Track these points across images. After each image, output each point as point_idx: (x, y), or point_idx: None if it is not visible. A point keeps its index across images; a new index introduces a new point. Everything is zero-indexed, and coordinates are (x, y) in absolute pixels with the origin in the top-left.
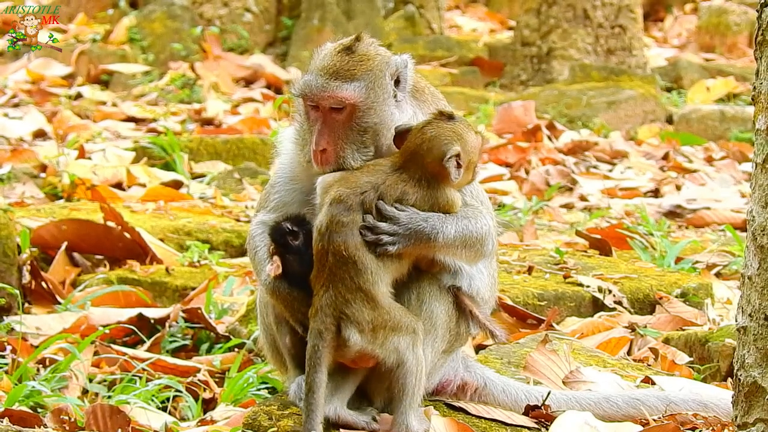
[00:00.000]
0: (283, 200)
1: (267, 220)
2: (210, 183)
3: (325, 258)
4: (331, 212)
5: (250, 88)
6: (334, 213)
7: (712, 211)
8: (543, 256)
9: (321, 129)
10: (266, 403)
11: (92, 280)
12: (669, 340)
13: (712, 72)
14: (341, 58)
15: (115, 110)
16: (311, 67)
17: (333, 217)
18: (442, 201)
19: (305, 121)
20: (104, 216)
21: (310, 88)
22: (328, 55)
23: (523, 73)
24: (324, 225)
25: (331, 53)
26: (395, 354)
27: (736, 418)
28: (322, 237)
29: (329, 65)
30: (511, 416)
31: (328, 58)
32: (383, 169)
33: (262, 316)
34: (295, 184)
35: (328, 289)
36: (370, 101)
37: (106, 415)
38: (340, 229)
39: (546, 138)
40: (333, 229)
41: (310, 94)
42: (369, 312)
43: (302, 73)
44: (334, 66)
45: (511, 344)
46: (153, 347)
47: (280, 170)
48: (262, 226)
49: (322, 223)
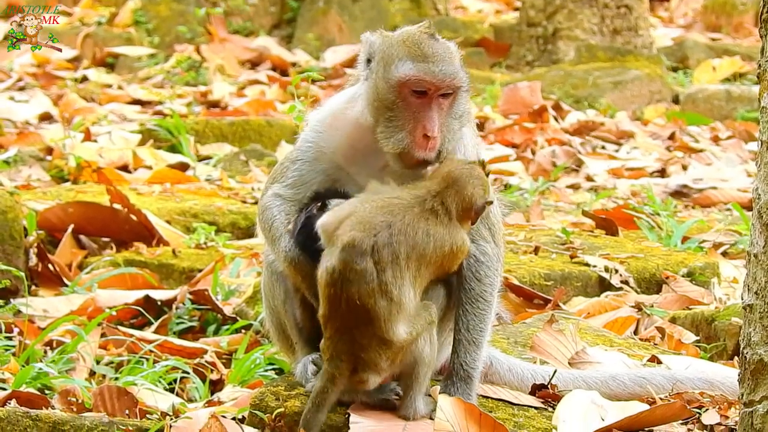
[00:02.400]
0: (303, 178)
1: (283, 194)
2: (216, 165)
3: (338, 304)
4: (344, 258)
5: (256, 71)
6: (348, 259)
7: (719, 191)
8: (549, 237)
9: (433, 115)
10: (273, 383)
11: (99, 262)
12: (675, 319)
13: (718, 52)
14: (436, 44)
15: (121, 93)
16: (404, 53)
17: (346, 263)
18: (456, 243)
19: (395, 107)
20: (110, 198)
21: (432, 74)
22: (423, 42)
23: (528, 53)
24: (337, 271)
25: (423, 40)
26: (413, 356)
27: (743, 396)
28: (335, 283)
29: (435, 52)
30: (518, 396)
31: (427, 45)
32: (403, 202)
33: (268, 299)
34: (320, 164)
35: (343, 334)
36: (466, 86)
37: (113, 397)
38: (354, 277)
39: (552, 118)
40: (346, 277)
41: (430, 79)
42: (386, 353)
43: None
44: (438, 53)
45: (518, 324)
46: (160, 329)
47: (306, 147)
48: (278, 199)
49: (335, 268)
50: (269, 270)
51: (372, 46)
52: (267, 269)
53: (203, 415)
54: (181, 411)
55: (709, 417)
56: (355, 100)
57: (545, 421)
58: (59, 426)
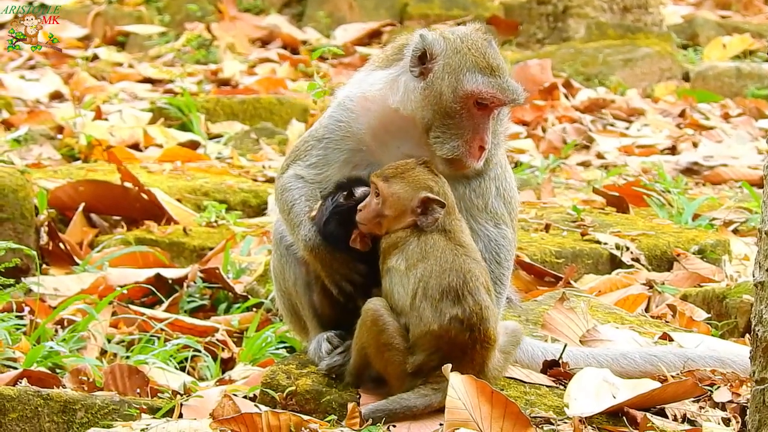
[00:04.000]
0: (328, 158)
1: (305, 175)
2: (227, 143)
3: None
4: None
5: (267, 49)
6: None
7: (729, 168)
8: (560, 214)
9: (489, 126)
10: (285, 362)
11: (110, 240)
12: (687, 297)
13: (728, 29)
14: (497, 54)
15: (132, 71)
16: (472, 64)
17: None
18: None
19: (456, 116)
20: (121, 177)
21: (501, 90)
22: (488, 53)
23: (539, 31)
24: (475, 318)
25: (487, 49)
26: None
27: (754, 374)
28: (472, 328)
29: (499, 65)
30: (529, 375)
31: (491, 56)
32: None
33: (278, 280)
34: (347, 144)
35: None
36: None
37: (124, 375)
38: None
39: (562, 96)
40: (482, 317)
41: (500, 95)
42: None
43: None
44: (501, 65)
45: (529, 302)
46: (171, 307)
47: (334, 125)
48: (299, 180)
49: (474, 314)
50: (279, 249)
51: (431, 45)
52: (276, 248)
53: (215, 394)
54: (193, 390)
55: (720, 395)
56: (393, 85)
57: (557, 399)
58: (70, 405)
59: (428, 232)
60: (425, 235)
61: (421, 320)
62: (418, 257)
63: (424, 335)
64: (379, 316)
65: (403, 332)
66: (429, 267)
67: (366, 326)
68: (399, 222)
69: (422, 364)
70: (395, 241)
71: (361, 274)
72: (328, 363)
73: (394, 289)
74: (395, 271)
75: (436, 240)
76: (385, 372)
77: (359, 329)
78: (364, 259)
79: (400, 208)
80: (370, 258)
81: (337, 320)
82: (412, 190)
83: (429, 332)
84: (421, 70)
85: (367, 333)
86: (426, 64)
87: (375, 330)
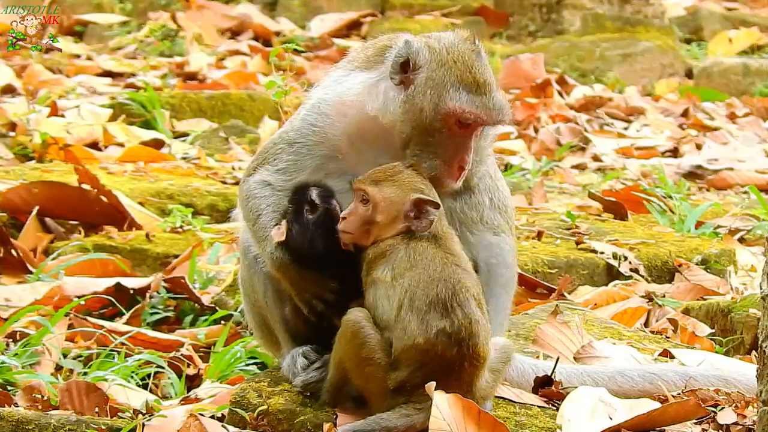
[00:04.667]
0: (299, 164)
1: (273, 181)
2: (193, 142)
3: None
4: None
5: (237, 40)
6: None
7: (735, 172)
8: (553, 221)
9: (470, 146)
10: (255, 379)
11: (66, 247)
12: (689, 311)
13: (734, 22)
14: (484, 67)
15: (90, 64)
16: (456, 80)
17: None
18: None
19: (436, 134)
20: (79, 178)
21: (486, 110)
22: (474, 66)
23: (531, 23)
24: (464, 332)
25: (473, 62)
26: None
27: (761, 394)
28: (460, 343)
29: (486, 80)
30: (520, 394)
31: (478, 70)
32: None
33: (247, 293)
34: (320, 150)
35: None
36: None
37: (81, 393)
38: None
39: (556, 93)
40: (471, 332)
41: (485, 116)
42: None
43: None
44: (488, 80)
45: (520, 315)
46: (132, 320)
47: (307, 130)
48: (266, 187)
49: (463, 328)
50: (246, 259)
51: (415, 54)
52: (244, 258)
53: (179, 414)
54: (156, 409)
55: (725, 416)
56: (373, 91)
57: (548, 420)
58: (23, 425)
59: (418, 239)
60: (414, 242)
61: (406, 333)
62: (405, 266)
63: (408, 349)
64: (360, 328)
65: (386, 346)
66: (417, 276)
67: (346, 339)
68: (390, 229)
69: (405, 381)
70: (383, 250)
71: (333, 291)
72: (303, 379)
73: (379, 302)
74: (381, 282)
75: (425, 247)
76: (365, 389)
77: (338, 342)
78: (339, 274)
79: (393, 213)
80: (346, 272)
81: (311, 336)
82: (404, 193)
83: (413, 346)
84: (402, 79)
85: (347, 346)
86: (408, 73)
87: (356, 343)
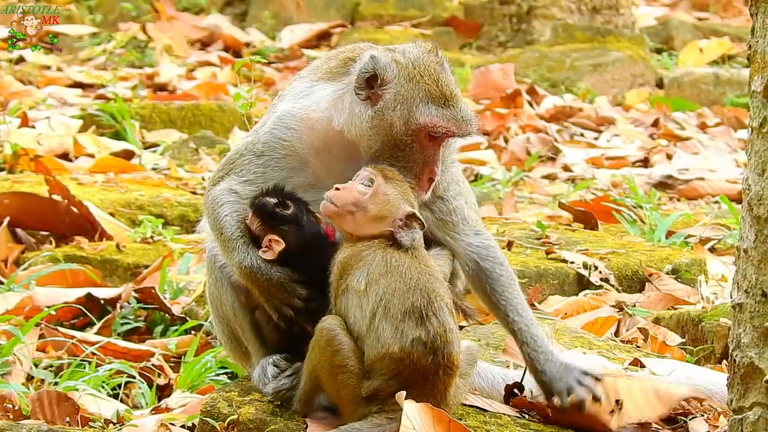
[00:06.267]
0: (267, 176)
1: (240, 190)
2: (164, 153)
3: (436, 374)
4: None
5: (207, 51)
6: (449, 325)
7: (706, 182)
8: (524, 231)
9: (438, 156)
10: (226, 389)
11: (37, 257)
12: (659, 320)
13: (705, 32)
14: (449, 78)
15: (61, 75)
16: (424, 95)
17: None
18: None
19: (406, 148)
20: (49, 189)
21: (455, 122)
22: (440, 78)
23: (501, 33)
24: (440, 341)
25: (439, 74)
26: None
27: (732, 402)
28: (435, 352)
29: (452, 92)
30: (491, 404)
31: (444, 82)
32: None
33: (215, 306)
34: (288, 162)
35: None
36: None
37: (52, 403)
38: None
39: (526, 104)
40: (446, 341)
41: (454, 129)
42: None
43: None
44: (454, 92)
45: (489, 324)
46: (103, 330)
47: (275, 143)
48: (232, 195)
49: (438, 337)
50: (214, 272)
51: (383, 71)
52: (212, 269)
53: (150, 423)
54: (126, 418)
55: (696, 425)
56: (338, 104)
57: (519, 429)
58: None
59: (395, 248)
60: (392, 250)
61: (379, 342)
62: (381, 271)
63: (382, 358)
64: (334, 336)
65: (360, 354)
66: (392, 284)
67: (320, 346)
68: (374, 226)
69: (378, 389)
70: (359, 253)
71: (302, 298)
72: (274, 386)
73: (350, 312)
74: (353, 292)
75: (401, 257)
76: (337, 397)
77: (312, 350)
78: (310, 280)
79: (385, 212)
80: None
81: (282, 345)
82: (403, 201)
83: (388, 355)
84: (369, 95)
85: (320, 354)
86: (375, 89)
87: (329, 350)
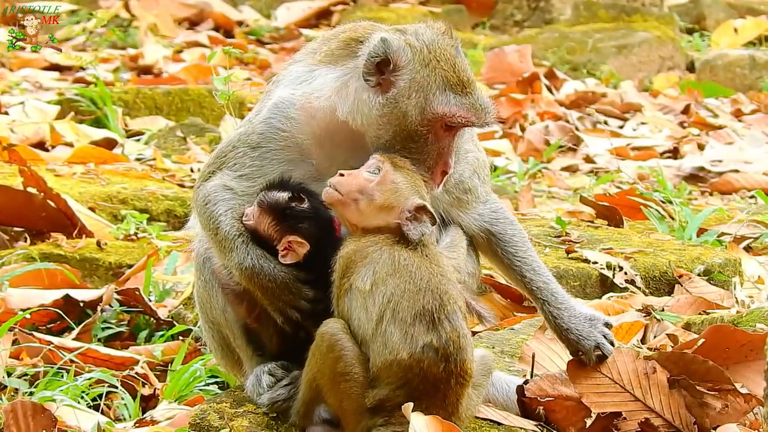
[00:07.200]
0: (264, 170)
1: (235, 186)
2: (148, 142)
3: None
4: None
5: (196, 31)
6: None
7: (741, 175)
8: (542, 228)
9: (453, 148)
10: (216, 399)
11: (10, 256)
12: (690, 326)
13: (740, 11)
14: (465, 63)
15: (36, 57)
16: (441, 82)
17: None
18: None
19: (421, 139)
20: (24, 181)
21: (474, 111)
22: (456, 63)
23: (517, 12)
24: (452, 347)
25: (456, 59)
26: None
27: None
28: (448, 359)
29: (469, 78)
30: (506, 416)
31: (460, 67)
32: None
33: (204, 310)
34: (287, 154)
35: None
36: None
37: (27, 415)
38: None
39: (545, 89)
40: (460, 347)
41: (473, 119)
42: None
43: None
44: (471, 77)
45: (505, 330)
46: (82, 335)
47: (273, 133)
48: (226, 191)
49: (452, 342)
50: (203, 274)
51: (395, 54)
52: (201, 271)
53: None
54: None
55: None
56: (342, 91)
57: None
58: None
59: (403, 245)
60: (400, 247)
61: (387, 347)
62: (388, 271)
63: (390, 365)
64: (336, 340)
65: (365, 361)
66: (401, 285)
67: (321, 352)
68: (380, 216)
69: (385, 400)
70: (363, 249)
71: (309, 300)
72: (270, 397)
73: (354, 314)
74: (358, 292)
75: (410, 255)
76: (339, 408)
77: (312, 356)
78: (315, 280)
79: (392, 202)
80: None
81: (285, 351)
82: (411, 191)
83: (396, 362)
84: (380, 81)
85: (321, 360)
86: (387, 75)
87: (331, 357)
